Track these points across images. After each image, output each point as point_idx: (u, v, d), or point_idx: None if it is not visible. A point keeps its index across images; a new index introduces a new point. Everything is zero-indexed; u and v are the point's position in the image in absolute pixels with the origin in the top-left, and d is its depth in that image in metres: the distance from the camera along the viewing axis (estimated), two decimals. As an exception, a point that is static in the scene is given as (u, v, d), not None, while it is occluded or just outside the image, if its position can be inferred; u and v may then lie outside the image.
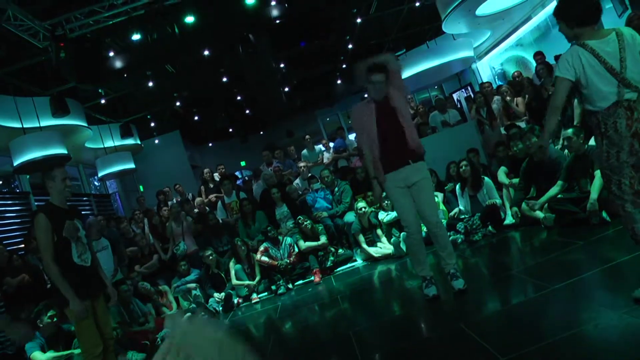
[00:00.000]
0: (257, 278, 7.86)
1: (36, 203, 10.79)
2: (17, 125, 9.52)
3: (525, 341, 3.03)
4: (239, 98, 18.71)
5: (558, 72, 3.10)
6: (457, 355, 3.28)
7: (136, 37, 9.56)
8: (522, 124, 8.69)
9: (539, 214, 6.02)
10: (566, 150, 6.30)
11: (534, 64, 9.77)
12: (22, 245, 8.67)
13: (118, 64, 10.11)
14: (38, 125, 9.88)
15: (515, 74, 9.94)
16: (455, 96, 14.47)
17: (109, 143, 13.92)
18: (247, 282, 7.82)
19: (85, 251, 4.21)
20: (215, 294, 7.84)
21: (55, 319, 5.90)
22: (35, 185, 11.22)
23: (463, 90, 14.85)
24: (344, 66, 18.47)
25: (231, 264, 7.99)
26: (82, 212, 4.33)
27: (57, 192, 4.20)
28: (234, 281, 7.86)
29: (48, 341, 5.47)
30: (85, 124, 11.67)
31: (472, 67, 15.23)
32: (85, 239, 4.29)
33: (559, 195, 5.80)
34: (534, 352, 2.87)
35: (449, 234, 7.03)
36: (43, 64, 10.37)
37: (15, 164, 8.51)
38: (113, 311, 6.33)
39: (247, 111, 20.44)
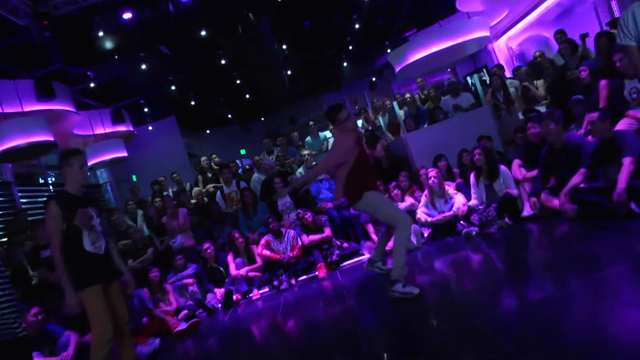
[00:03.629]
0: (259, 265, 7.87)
1: (20, 194, 10.76)
2: (-2, 110, 9.42)
3: (544, 340, 2.98)
4: (238, 82, 18.62)
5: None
6: (471, 355, 3.23)
7: (127, 15, 9.50)
8: (542, 109, 8.59)
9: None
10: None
11: (555, 43, 9.64)
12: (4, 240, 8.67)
13: (108, 44, 10.02)
14: (21, 110, 9.79)
15: (537, 54, 9.81)
16: (469, 79, 14.36)
17: (99, 130, 13.81)
18: (250, 273, 7.82)
19: (99, 239, 4.36)
20: (215, 290, 7.84)
21: (39, 317, 5.91)
22: (20, 175, 11.18)
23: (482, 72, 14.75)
24: (350, 48, 18.36)
25: (229, 257, 7.96)
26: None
27: (73, 179, 4.38)
28: (234, 271, 7.84)
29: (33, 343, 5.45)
30: (73, 109, 11.58)
31: (488, 48, 15.10)
32: (100, 226, 4.43)
33: (582, 185, 5.71)
34: (552, 352, 2.82)
35: (463, 225, 7.00)
36: (25, 44, 10.26)
37: (-4, 151, 8.45)
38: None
39: (248, 96, 20.35)
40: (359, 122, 12.28)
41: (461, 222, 7.09)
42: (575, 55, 8.77)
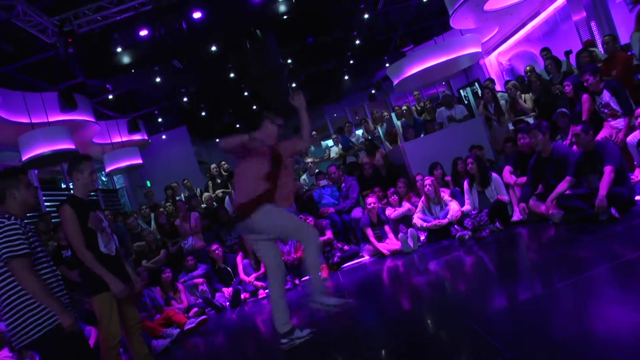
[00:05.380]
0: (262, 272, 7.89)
1: (44, 198, 10.85)
2: (26, 120, 9.57)
3: (533, 338, 3.02)
4: (246, 94, 18.69)
5: None
6: (464, 352, 3.28)
7: (144, 32, 9.57)
8: (530, 120, 8.66)
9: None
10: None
11: (542, 59, 9.72)
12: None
13: (126, 59, 10.11)
14: (46, 120, 9.92)
15: (528, 68, 9.89)
16: (462, 92, 14.44)
17: (117, 138, 13.95)
18: (255, 281, 7.85)
19: (110, 241, 4.27)
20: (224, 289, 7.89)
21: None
22: (44, 180, 11.27)
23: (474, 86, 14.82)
24: (351, 62, 18.43)
25: (238, 258, 8.01)
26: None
27: (82, 184, 4.25)
28: (242, 276, 7.89)
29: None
30: (93, 119, 11.71)
31: (479, 62, 15.18)
32: (109, 228, 4.36)
33: (567, 192, 5.76)
34: (541, 348, 2.85)
35: (457, 229, 7.04)
36: (51, 60, 10.39)
37: (23, 158, 8.54)
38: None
39: (254, 107, 20.41)
40: (360, 132, 12.35)
41: (455, 226, 7.13)
42: (560, 71, 8.85)
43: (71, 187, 12.35)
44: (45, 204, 10.87)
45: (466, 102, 11.50)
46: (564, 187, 5.73)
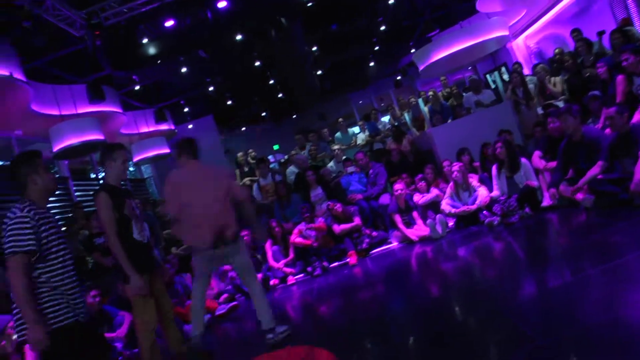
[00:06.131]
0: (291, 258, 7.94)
1: (74, 188, 11.03)
2: (56, 112, 9.76)
3: (563, 325, 2.98)
4: (271, 82, 18.70)
5: None
6: (494, 338, 3.24)
7: (169, 23, 9.61)
8: (560, 104, 8.48)
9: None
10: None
11: (572, 41, 9.49)
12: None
13: (151, 50, 10.18)
14: (75, 112, 10.08)
15: (557, 51, 9.66)
16: (489, 77, 14.22)
17: (144, 128, 14.13)
18: (285, 267, 7.88)
19: (142, 228, 4.31)
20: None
21: (97, 299, 6.08)
22: (74, 171, 11.46)
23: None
24: (376, 48, 18.28)
25: (267, 245, 8.05)
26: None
27: (115, 172, 4.28)
28: (271, 262, 7.93)
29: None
30: (120, 110, 11.86)
31: (507, 46, 14.91)
32: (141, 217, 4.40)
33: (599, 176, 5.63)
34: (571, 335, 2.80)
35: (485, 215, 6.94)
36: (79, 52, 10.53)
37: (54, 149, 8.68)
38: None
39: (280, 95, 20.43)
40: (386, 119, 12.28)
41: (484, 212, 7.04)
42: (591, 52, 8.62)
43: (100, 177, 12.63)
44: (76, 193, 11.05)
45: (493, 86, 11.33)
46: (596, 172, 5.60)
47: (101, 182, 12.57)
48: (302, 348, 3.94)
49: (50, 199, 3.77)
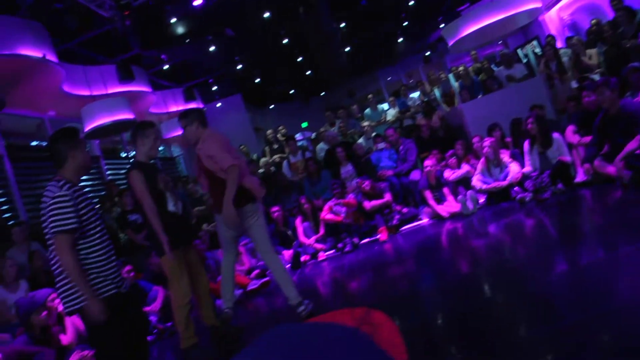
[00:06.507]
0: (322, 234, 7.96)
1: (106, 167, 11.21)
2: (87, 93, 9.91)
3: (596, 303, 2.91)
4: (299, 59, 18.64)
5: None
6: (526, 315, 3.19)
7: (197, 2, 9.60)
8: (596, 77, 8.25)
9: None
10: None
11: (609, 11, 9.17)
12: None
13: (180, 29, 10.22)
14: (105, 92, 10.20)
15: (594, 22, 9.37)
16: (520, 51, 13.90)
17: (173, 107, 14.24)
18: (315, 243, 7.91)
19: (178, 200, 4.36)
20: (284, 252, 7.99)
21: (132, 274, 6.20)
22: (106, 150, 11.64)
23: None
24: (405, 24, 18.04)
25: (297, 221, 8.09)
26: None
27: (146, 149, 4.32)
28: (302, 238, 7.97)
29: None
30: (149, 90, 11.96)
31: (539, 19, 14.53)
32: (173, 189, 4.43)
33: (638, 151, 5.47)
34: (604, 313, 2.73)
35: (517, 191, 6.83)
36: (108, 33, 10.63)
37: (86, 129, 8.81)
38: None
39: (308, 72, 20.36)
40: (416, 95, 12.14)
41: (515, 188, 6.93)
42: (633, 22, 8.32)
43: (131, 155, 12.80)
44: (107, 172, 11.24)
45: (525, 60, 11.08)
46: (634, 146, 5.43)
47: (131, 161, 12.76)
48: (360, 309, 3.96)
49: (83, 177, 3.81)
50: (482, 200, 7.44)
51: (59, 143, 3.26)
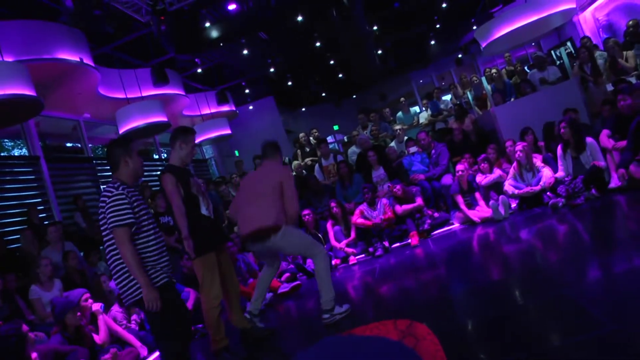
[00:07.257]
0: (353, 238, 7.96)
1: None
2: (122, 96, 10.17)
3: (635, 311, 2.86)
4: (332, 62, 18.67)
5: None
6: (563, 322, 3.14)
7: (232, 7, 9.72)
8: (632, 80, 8.08)
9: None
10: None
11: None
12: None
13: (214, 33, 10.36)
14: (140, 95, 10.42)
15: (631, 23, 9.19)
16: (554, 53, 13.67)
17: (205, 110, 14.45)
18: (346, 247, 7.91)
19: (209, 204, 4.48)
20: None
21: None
22: (139, 152, 11.89)
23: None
24: (437, 26, 17.92)
25: (328, 225, 8.11)
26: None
27: (184, 154, 4.44)
28: (333, 242, 7.99)
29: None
30: (183, 93, 12.16)
31: (573, 20, 14.25)
32: (206, 192, 4.56)
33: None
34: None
35: (550, 196, 6.73)
36: (143, 38, 10.84)
37: (120, 131, 9.01)
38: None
39: (340, 75, 20.37)
40: (448, 97, 12.06)
41: (548, 193, 6.84)
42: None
43: (163, 158, 13.00)
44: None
45: (558, 62, 10.90)
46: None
47: (164, 162, 12.98)
48: (404, 321, 3.99)
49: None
50: (514, 205, 7.36)
51: (114, 149, 3.56)
